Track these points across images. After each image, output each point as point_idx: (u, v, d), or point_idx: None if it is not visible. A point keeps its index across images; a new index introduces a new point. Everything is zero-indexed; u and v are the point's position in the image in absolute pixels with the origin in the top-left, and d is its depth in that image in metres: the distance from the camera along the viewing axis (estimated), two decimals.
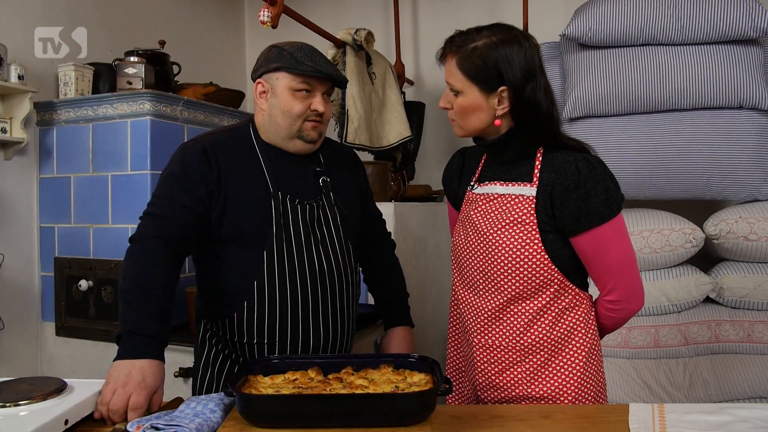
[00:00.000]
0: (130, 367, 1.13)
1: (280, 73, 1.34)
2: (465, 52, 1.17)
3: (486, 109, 1.19)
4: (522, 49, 1.16)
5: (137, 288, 1.22)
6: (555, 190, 1.17)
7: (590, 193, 1.15)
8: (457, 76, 1.19)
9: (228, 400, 1.12)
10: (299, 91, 1.33)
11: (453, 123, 1.26)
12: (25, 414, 1.02)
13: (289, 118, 1.35)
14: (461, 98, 1.20)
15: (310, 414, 1.00)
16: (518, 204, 1.20)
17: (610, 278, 1.21)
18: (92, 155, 2.36)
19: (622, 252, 1.20)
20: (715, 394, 2.14)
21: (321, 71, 1.32)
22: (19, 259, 2.39)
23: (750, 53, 2.23)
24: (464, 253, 1.27)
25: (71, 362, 2.38)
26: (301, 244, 1.35)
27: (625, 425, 1.06)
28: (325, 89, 1.37)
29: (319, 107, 1.34)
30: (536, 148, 1.23)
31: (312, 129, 1.37)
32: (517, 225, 1.19)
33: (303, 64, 1.31)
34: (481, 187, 1.28)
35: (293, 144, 1.38)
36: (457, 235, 1.31)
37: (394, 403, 1.00)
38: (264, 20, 1.92)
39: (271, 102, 1.36)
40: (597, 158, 1.20)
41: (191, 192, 1.30)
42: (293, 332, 1.34)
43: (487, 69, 1.16)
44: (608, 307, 1.24)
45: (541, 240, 1.17)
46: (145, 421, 1.05)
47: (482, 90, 1.18)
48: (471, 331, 1.26)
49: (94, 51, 2.61)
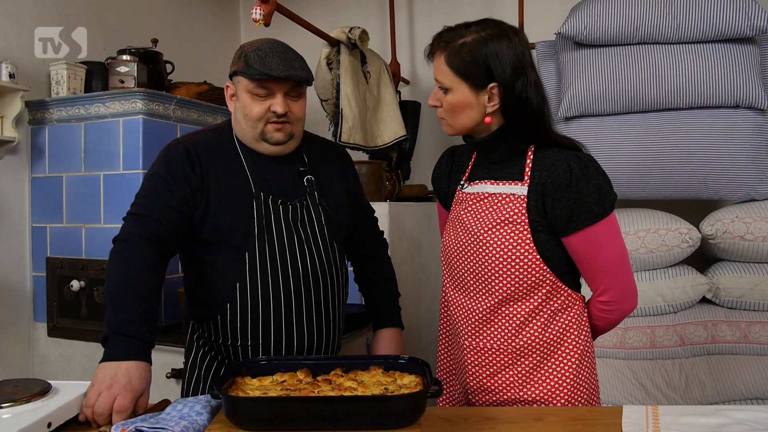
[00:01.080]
0: (116, 368, 1.11)
1: (238, 76, 1.33)
2: (453, 48, 1.15)
3: (476, 106, 1.17)
4: (512, 44, 1.14)
5: (123, 288, 1.20)
6: (547, 189, 1.15)
7: (582, 191, 1.13)
8: (445, 72, 1.17)
9: (215, 402, 1.10)
10: (256, 94, 1.31)
11: (442, 121, 1.24)
12: (7, 416, 1.00)
13: (250, 121, 1.33)
14: (450, 95, 1.18)
15: (297, 416, 0.99)
16: (509, 203, 1.18)
17: (603, 278, 1.19)
18: (84, 154, 2.35)
19: (616, 252, 1.18)
20: (711, 395, 2.13)
21: (268, 74, 1.27)
22: (10, 259, 2.37)
23: (746, 52, 2.21)
24: (454, 254, 1.25)
25: (63, 363, 2.36)
26: (284, 245, 1.33)
27: (618, 428, 1.05)
28: (287, 89, 1.32)
29: (277, 109, 1.30)
30: (527, 146, 1.21)
31: (275, 131, 1.33)
32: (509, 224, 1.17)
33: (252, 68, 1.28)
34: (472, 186, 1.26)
35: (261, 146, 1.36)
36: (447, 235, 1.29)
37: (382, 405, 0.99)
38: (256, 18, 1.91)
39: (236, 105, 1.36)
40: (589, 156, 1.18)
41: (175, 192, 1.29)
42: (277, 334, 1.33)
43: (476, 65, 1.14)
44: (601, 308, 1.22)
45: (532, 240, 1.16)
46: (130, 423, 1.03)
47: (472, 87, 1.16)
48: (462, 333, 1.25)
49: (87, 49, 2.59)
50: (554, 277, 1.17)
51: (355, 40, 2.43)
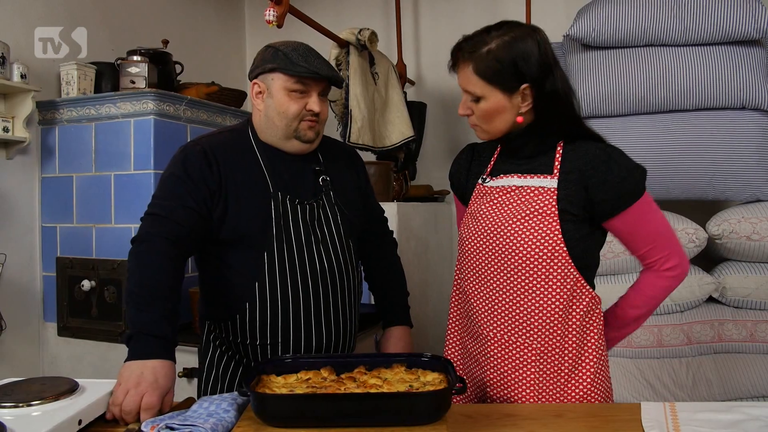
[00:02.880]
0: (142, 367, 1.13)
1: (275, 73, 1.34)
2: (480, 56, 1.17)
3: (510, 109, 1.19)
4: (535, 43, 1.17)
5: (145, 289, 1.21)
6: (587, 176, 1.18)
7: (623, 170, 1.18)
8: (475, 81, 1.18)
9: (241, 399, 1.11)
10: (294, 91, 1.33)
11: (476, 128, 1.25)
12: (37, 414, 1.01)
13: (285, 119, 1.35)
14: (483, 103, 1.20)
15: (326, 413, 1.00)
16: (539, 195, 1.20)
17: (662, 247, 1.22)
18: (95, 154, 2.36)
19: (662, 218, 1.23)
20: (718, 393, 2.15)
21: (315, 72, 1.31)
22: (20, 259, 2.37)
23: (752, 54, 2.24)
24: (475, 246, 1.26)
25: (73, 363, 2.37)
26: (301, 244, 1.35)
27: (637, 423, 1.07)
28: (321, 89, 1.36)
29: (314, 107, 1.34)
30: (557, 140, 1.23)
31: (308, 129, 1.36)
32: (538, 216, 1.18)
33: (297, 65, 1.31)
34: (495, 180, 1.27)
35: (290, 144, 1.38)
36: (465, 228, 1.29)
37: (409, 402, 1.00)
38: (270, 19, 1.92)
39: (267, 102, 1.36)
40: (613, 146, 1.23)
41: (193, 193, 1.30)
42: (296, 332, 1.34)
43: (505, 69, 1.16)
44: (669, 276, 1.25)
45: (561, 230, 1.18)
46: (159, 421, 1.04)
47: (504, 91, 1.18)
48: (484, 325, 1.25)
49: (95, 50, 2.60)
50: (577, 273, 1.19)
51: (364, 42, 2.45)
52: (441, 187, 3.29)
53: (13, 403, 1.02)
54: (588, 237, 1.22)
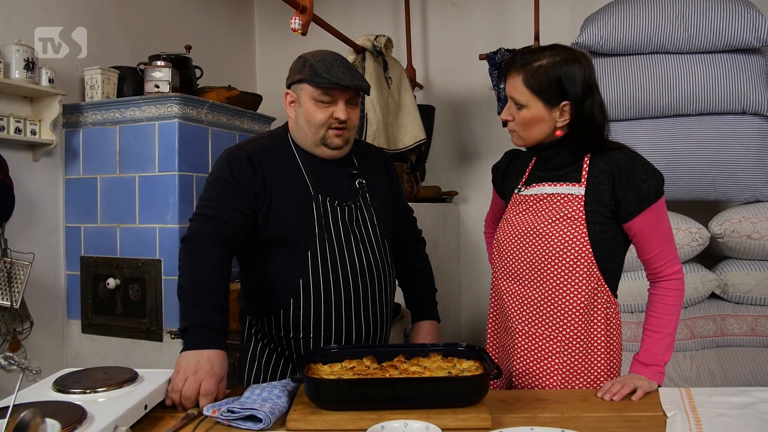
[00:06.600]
0: (198, 356, 1.20)
1: (303, 84, 1.41)
2: (530, 70, 1.29)
3: (548, 120, 1.31)
4: (582, 67, 1.29)
5: (196, 284, 1.29)
6: (615, 176, 1.29)
7: (646, 174, 1.28)
8: (522, 91, 1.30)
9: (291, 386, 1.20)
10: (320, 101, 1.40)
11: (513, 133, 1.37)
12: (102, 400, 1.08)
13: (313, 127, 1.42)
14: (525, 111, 1.31)
15: (374, 397, 1.08)
16: (568, 202, 1.32)
17: (668, 251, 1.31)
18: (119, 156, 2.42)
19: (669, 225, 1.33)
20: (721, 384, 2.25)
21: (337, 83, 1.36)
22: (46, 258, 2.44)
23: (753, 62, 2.35)
24: (509, 247, 1.37)
25: (98, 359, 2.43)
26: (342, 244, 1.43)
27: (656, 406, 1.17)
28: (348, 97, 1.42)
29: (340, 115, 1.40)
30: (585, 153, 1.34)
31: (335, 136, 1.43)
32: (566, 220, 1.30)
33: (320, 77, 1.37)
34: (529, 189, 1.39)
35: (320, 150, 1.45)
36: (501, 232, 1.41)
37: (453, 386, 1.09)
38: (295, 27, 1.99)
39: (298, 111, 1.44)
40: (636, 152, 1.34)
41: (239, 195, 1.38)
42: (336, 326, 1.42)
43: (551, 85, 1.28)
44: (678, 278, 1.32)
45: (587, 232, 1.29)
46: (218, 405, 1.12)
47: (546, 104, 1.29)
48: (513, 319, 1.36)
49: (114, 55, 2.68)
50: (599, 273, 1.30)
51: (380, 48, 2.53)
52: (449, 188, 3.38)
53: (82, 390, 1.09)
54: (613, 239, 1.32)
